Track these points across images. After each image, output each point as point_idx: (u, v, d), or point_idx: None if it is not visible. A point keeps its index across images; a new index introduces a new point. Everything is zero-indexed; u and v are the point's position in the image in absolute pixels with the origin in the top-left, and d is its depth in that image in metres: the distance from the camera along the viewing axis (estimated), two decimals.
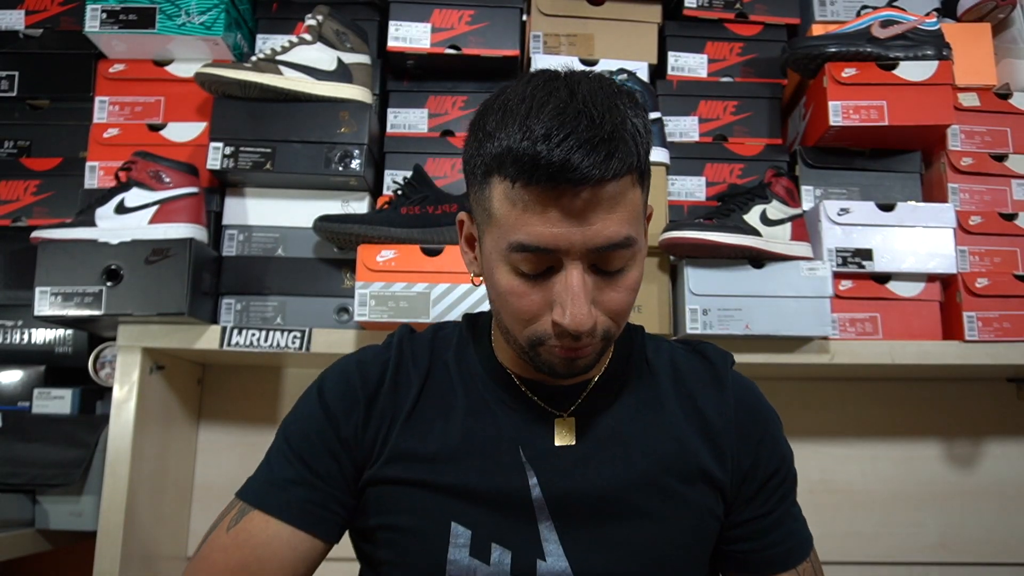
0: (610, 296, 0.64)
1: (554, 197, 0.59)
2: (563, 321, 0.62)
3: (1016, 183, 1.30)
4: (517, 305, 0.64)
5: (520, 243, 0.61)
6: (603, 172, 0.58)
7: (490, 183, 0.63)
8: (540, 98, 0.60)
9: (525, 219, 0.61)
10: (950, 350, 1.20)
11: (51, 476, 1.16)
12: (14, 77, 1.32)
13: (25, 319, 1.27)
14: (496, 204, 0.63)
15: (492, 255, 0.65)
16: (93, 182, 1.26)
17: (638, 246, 0.65)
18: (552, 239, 0.60)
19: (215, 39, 1.25)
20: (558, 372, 0.66)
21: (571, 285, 0.62)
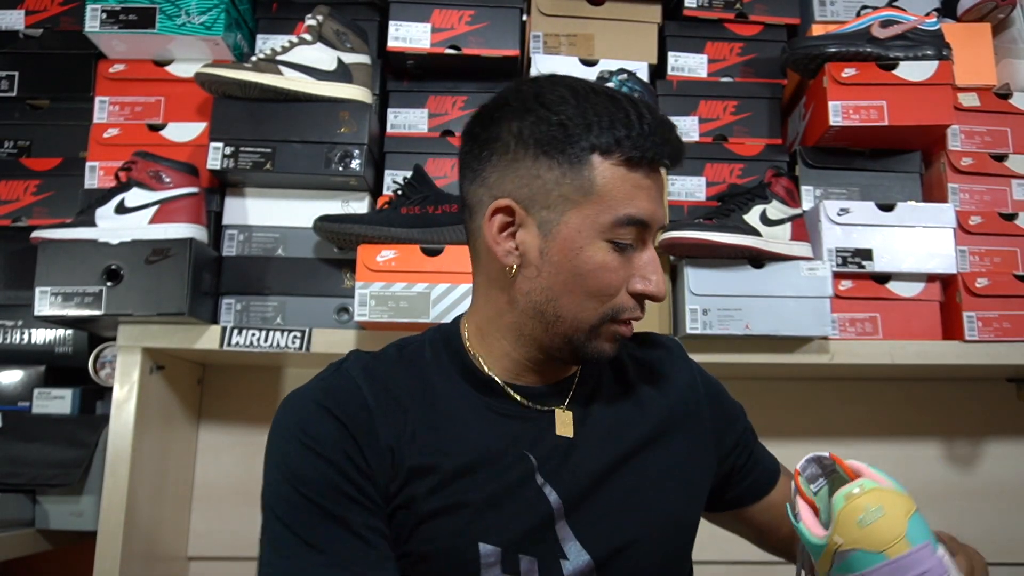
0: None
1: (652, 179, 0.70)
2: (650, 289, 0.70)
3: (1016, 183, 1.30)
4: (608, 279, 0.69)
5: (630, 215, 0.68)
6: (678, 161, 0.72)
7: (590, 162, 0.68)
8: (611, 91, 0.72)
9: (635, 194, 0.69)
10: (950, 350, 1.20)
11: (51, 476, 1.16)
12: (14, 77, 1.32)
13: (25, 319, 1.27)
14: (601, 181, 0.68)
15: (582, 233, 0.68)
16: (93, 182, 1.26)
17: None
18: (651, 214, 0.69)
19: (215, 39, 1.25)
20: (607, 355, 0.72)
21: (654, 256, 0.71)
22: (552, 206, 0.68)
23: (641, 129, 0.67)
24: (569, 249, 0.68)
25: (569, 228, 0.68)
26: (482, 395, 0.72)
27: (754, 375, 1.38)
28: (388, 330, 1.14)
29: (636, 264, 0.70)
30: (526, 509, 0.68)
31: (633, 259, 0.70)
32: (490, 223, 0.70)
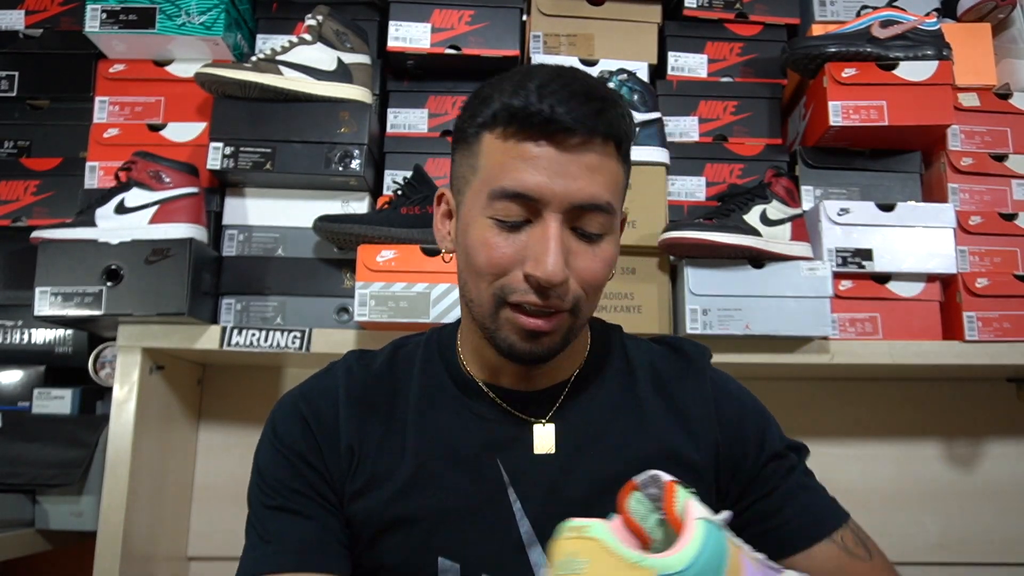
0: (585, 264, 0.64)
1: (543, 148, 0.62)
2: (535, 271, 0.62)
3: (1016, 183, 1.30)
4: (488, 256, 0.64)
5: (503, 188, 0.63)
6: (591, 126, 0.62)
7: (480, 140, 0.65)
8: (535, 68, 0.66)
9: (512, 165, 0.63)
10: (950, 350, 1.20)
11: (51, 476, 1.16)
12: (14, 77, 1.32)
13: (25, 319, 1.27)
14: (483, 157, 0.65)
15: (471, 212, 0.66)
16: (93, 182, 1.26)
17: (616, 219, 0.66)
18: (536, 187, 0.62)
19: (215, 39, 1.25)
20: (517, 351, 0.65)
21: (547, 235, 0.62)
22: (460, 190, 0.68)
23: (528, 100, 0.62)
24: (463, 230, 0.67)
25: (465, 209, 0.67)
26: (464, 396, 0.71)
27: (754, 375, 1.38)
28: (388, 330, 1.14)
29: (529, 243, 0.63)
30: (493, 528, 0.66)
31: (529, 238, 0.63)
32: (437, 211, 0.73)
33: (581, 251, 0.64)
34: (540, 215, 0.63)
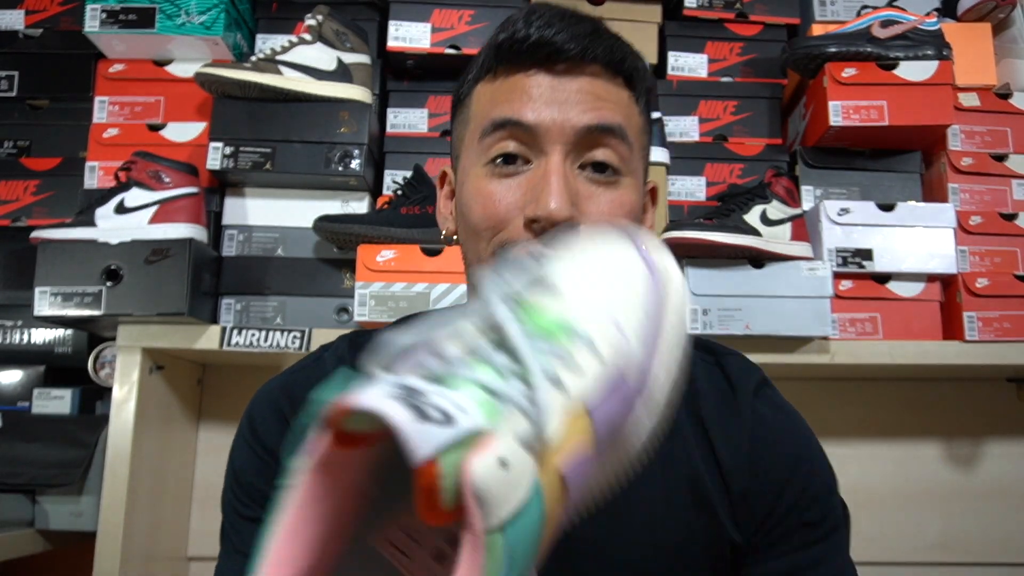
0: (598, 208, 0.56)
1: (535, 77, 0.56)
2: (537, 210, 0.53)
3: (1016, 183, 1.30)
4: (484, 206, 0.56)
5: (494, 119, 0.56)
6: (586, 46, 0.56)
7: (472, 94, 0.61)
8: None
9: (503, 98, 0.57)
10: (950, 350, 1.20)
11: (51, 476, 1.16)
12: (14, 77, 1.32)
13: (25, 319, 1.27)
14: (475, 106, 0.60)
15: (466, 170, 0.59)
16: (93, 182, 1.26)
17: (635, 156, 0.58)
18: (533, 113, 0.55)
19: (215, 39, 1.25)
20: None
21: (550, 168, 0.54)
22: (458, 156, 0.62)
23: (516, 28, 0.56)
24: (459, 193, 0.61)
25: (461, 171, 0.61)
26: None
27: None
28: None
29: (529, 184, 0.55)
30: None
31: (526, 180, 0.56)
32: (440, 195, 0.69)
33: (593, 194, 0.56)
34: (540, 150, 0.56)
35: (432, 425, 0.25)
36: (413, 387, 0.27)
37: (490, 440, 0.27)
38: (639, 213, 0.60)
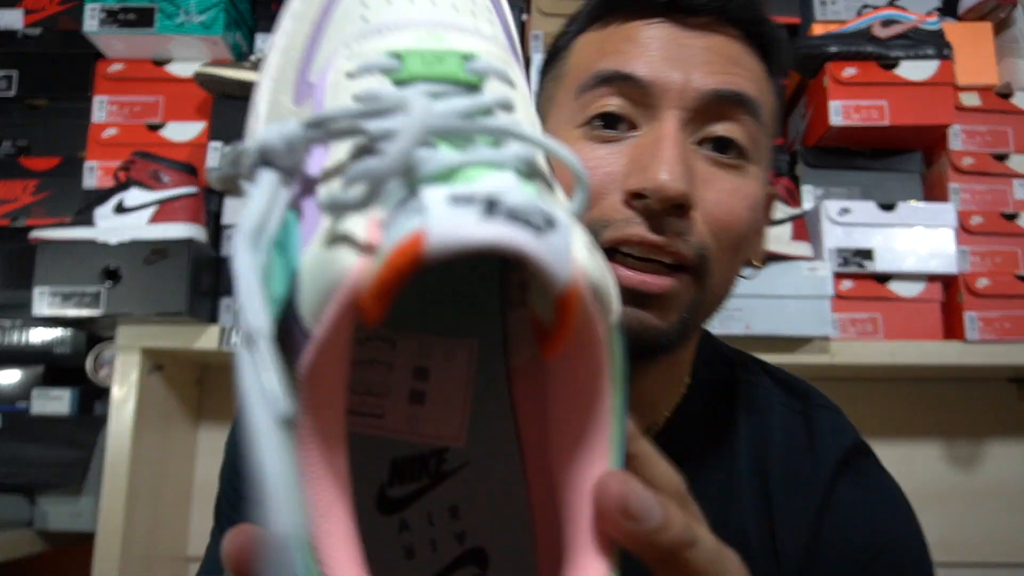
0: (715, 195, 0.45)
1: (657, 27, 0.46)
2: (643, 182, 0.42)
3: (1017, 183, 1.30)
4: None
5: (597, 71, 0.46)
6: (722, 6, 0.46)
7: (573, 45, 0.51)
8: None
9: (613, 48, 0.47)
10: (951, 350, 1.20)
11: (50, 476, 1.16)
12: (12, 77, 1.32)
13: (24, 319, 1.26)
14: (574, 57, 0.50)
15: (554, 132, 0.49)
16: (92, 182, 1.26)
17: (764, 139, 0.48)
18: (648, 67, 0.45)
19: (214, 38, 1.25)
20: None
21: (663, 133, 0.44)
22: (544, 119, 0.52)
23: None
24: None
25: (547, 131, 0.49)
26: None
27: None
28: None
29: (634, 153, 0.45)
30: None
31: (630, 148, 0.45)
32: None
33: (712, 176, 0.45)
34: (651, 115, 0.45)
35: (549, 235, 0.19)
36: (477, 195, 0.19)
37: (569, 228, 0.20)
38: (760, 213, 0.49)
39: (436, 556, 0.27)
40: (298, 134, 0.21)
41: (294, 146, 0.21)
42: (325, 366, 0.19)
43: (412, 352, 0.27)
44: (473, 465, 0.27)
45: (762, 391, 0.56)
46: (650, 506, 0.21)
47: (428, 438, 0.27)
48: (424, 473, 0.27)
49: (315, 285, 0.19)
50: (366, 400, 0.26)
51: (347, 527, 0.20)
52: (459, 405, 0.27)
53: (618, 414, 0.21)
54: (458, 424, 0.26)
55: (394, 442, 0.27)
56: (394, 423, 0.27)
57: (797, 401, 0.56)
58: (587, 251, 0.21)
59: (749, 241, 0.48)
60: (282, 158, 0.21)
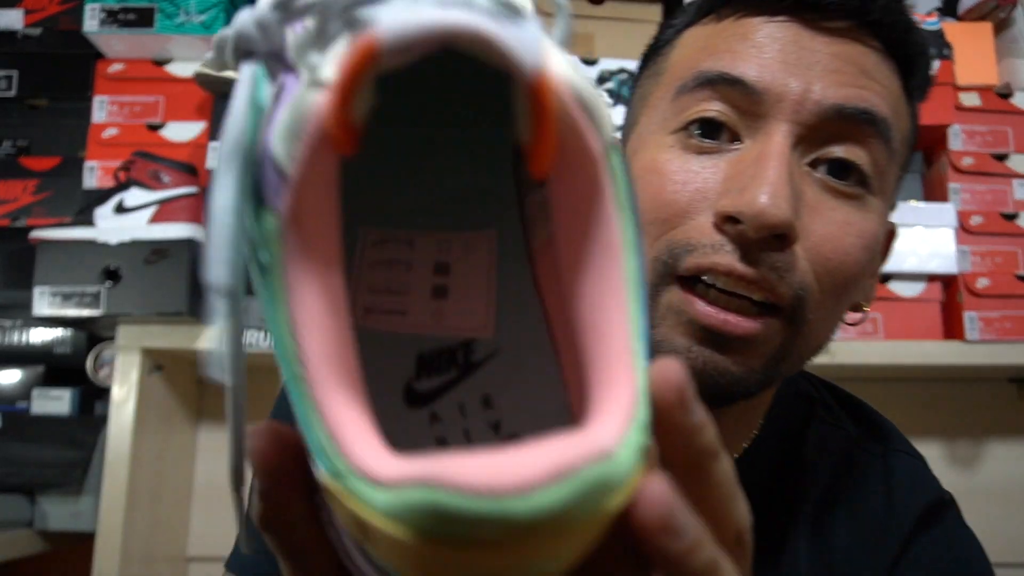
0: (824, 228, 0.39)
1: (779, 25, 0.40)
2: (739, 204, 0.36)
3: (1017, 183, 1.30)
4: (661, 190, 0.39)
5: (700, 71, 0.40)
6: (863, 4, 0.39)
7: (677, 41, 0.45)
8: None
9: (723, 45, 0.41)
10: (951, 350, 1.20)
11: (50, 476, 1.16)
12: (12, 77, 1.32)
13: (24, 319, 1.26)
14: (676, 53, 0.44)
15: (642, 137, 0.43)
16: (92, 182, 1.26)
17: (891, 162, 0.41)
18: (761, 71, 0.39)
19: (214, 38, 1.25)
20: (689, 365, 0.36)
21: (769, 149, 0.37)
22: (634, 122, 0.46)
23: None
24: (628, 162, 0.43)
25: (634, 138, 0.45)
26: None
27: None
28: None
29: (731, 171, 0.39)
30: None
31: (726, 164, 0.39)
32: None
33: (823, 205, 0.39)
34: (759, 127, 0.39)
35: (513, 24, 0.17)
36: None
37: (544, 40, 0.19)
38: (875, 256, 0.42)
39: (471, 447, 0.25)
40: (268, 16, 0.21)
41: (267, 29, 0.21)
42: (308, 205, 0.19)
43: (431, 249, 0.26)
44: (503, 354, 0.26)
45: (840, 433, 0.51)
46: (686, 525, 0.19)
47: (454, 330, 0.26)
48: (452, 365, 0.26)
49: (288, 131, 0.18)
50: (387, 299, 0.26)
51: (347, 376, 0.19)
52: (483, 296, 0.26)
53: (631, 244, 0.20)
54: (484, 315, 0.26)
55: (419, 337, 0.26)
56: (418, 319, 0.26)
57: (877, 444, 0.51)
58: (567, 64, 0.19)
59: (859, 284, 0.42)
60: (259, 43, 0.21)
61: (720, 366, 0.38)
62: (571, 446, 0.16)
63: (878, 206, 0.42)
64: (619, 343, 0.19)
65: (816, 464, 0.49)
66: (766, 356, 0.39)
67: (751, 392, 0.40)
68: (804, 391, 0.53)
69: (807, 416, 0.51)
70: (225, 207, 0.19)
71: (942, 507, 0.49)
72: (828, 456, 0.49)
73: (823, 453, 0.49)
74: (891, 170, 0.42)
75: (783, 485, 0.48)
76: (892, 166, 0.42)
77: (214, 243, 0.19)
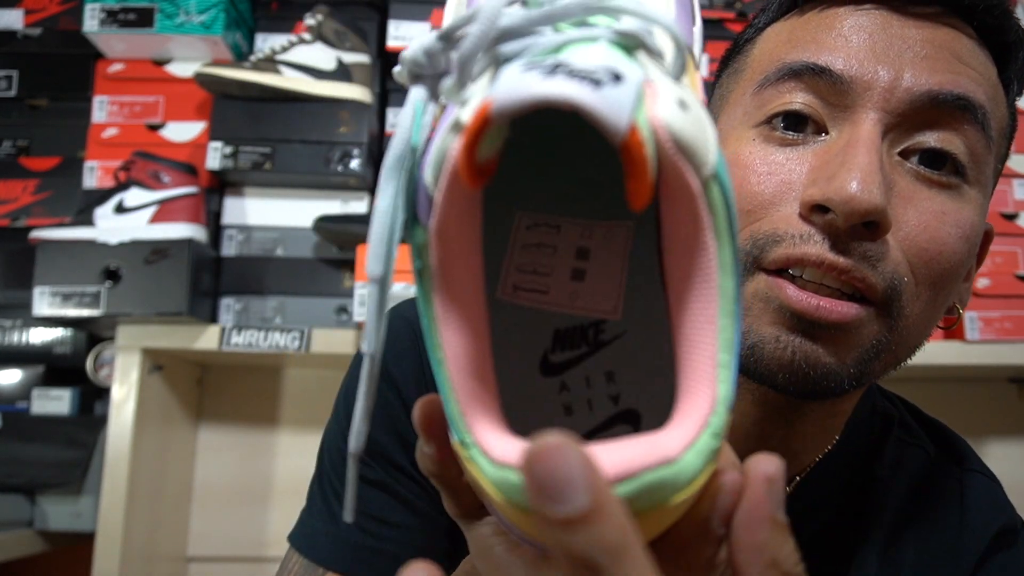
0: (918, 218, 0.38)
1: (867, 14, 0.39)
2: (827, 191, 0.35)
3: (1017, 183, 1.30)
4: (745, 183, 0.39)
5: (784, 63, 0.39)
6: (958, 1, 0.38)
7: (759, 38, 0.44)
8: None
9: (811, 36, 0.40)
10: (951, 350, 1.20)
11: (50, 476, 1.16)
12: (12, 77, 1.32)
13: (24, 319, 1.26)
14: (759, 47, 0.43)
15: (726, 132, 0.42)
16: (92, 182, 1.26)
17: (989, 151, 0.40)
18: (848, 60, 0.38)
19: (214, 38, 1.25)
20: (770, 356, 0.37)
21: (858, 137, 0.36)
22: (715, 119, 0.46)
23: None
24: None
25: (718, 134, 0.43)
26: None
27: None
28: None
29: (819, 160, 0.38)
30: None
31: (813, 155, 0.38)
32: None
33: (916, 195, 0.38)
34: (846, 118, 0.38)
35: (610, 87, 0.20)
36: (546, 62, 0.21)
37: (654, 84, 0.21)
38: (974, 250, 0.40)
39: (592, 415, 0.30)
40: (434, 45, 0.24)
41: (433, 56, 0.24)
42: (451, 226, 0.23)
43: (576, 235, 0.29)
44: (628, 335, 0.30)
45: (918, 452, 0.50)
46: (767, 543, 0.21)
47: (587, 311, 0.29)
48: (583, 342, 0.30)
49: (435, 164, 0.23)
50: (533, 278, 0.30)
51: (478, 366, 0.24)
52: (616, 282, 0.29)
53: (727, 267, 0.22)
54: (615, 299, 0.29)
55: (557, 315, 0.30)
56: (557, 298, 0.29)
57: (953, 465, 0.50)
58: (674, 105, 0.21)
59: (957, 279, 0.40)
60: (426, 68, 0.24)
61: (812, 356, 0.37)
62: (639, 451, 0.20)
63: (975, 197, 0.40)
64: (706, 355, 0.22)
65: (890, 481, 0.48)
66: (860, 349, 0.38)
67: (843, 388, 0.38)
68: (883, 408, 0.52)
69: (884, 433, 0.50)
70: (384, 211, 0.23)
71: (1014, 532, 0.48)
72: (904, 474, 0.48)
73: (898, 471, 0.48)
74: (988, 160, 0.40)
75: (856, 500, 0.47)
76: (988, 155, 0.40)
77: (372, 240, 0.23)
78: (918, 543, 0.46)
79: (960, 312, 0.45)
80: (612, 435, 0.29)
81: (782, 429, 0.43)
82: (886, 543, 0.46)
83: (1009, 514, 0.48)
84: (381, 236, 0.24)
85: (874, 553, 0.45)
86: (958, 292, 0.44)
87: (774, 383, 0.38)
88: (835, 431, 0.47)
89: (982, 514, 0.47)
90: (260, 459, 1.35)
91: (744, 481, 0.21)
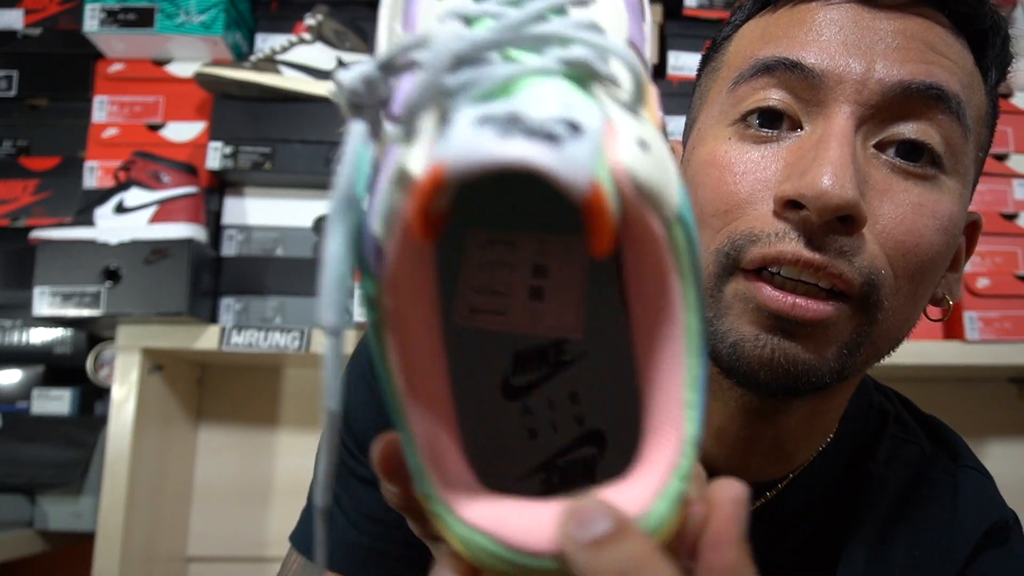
0: (893, 210, 0.38)
1: (839, 10, 0.39)
2: (800, 187, 0.35)
3: (1017, 183, 1.30)
4: (720, 182, 0.38)
5: (757, 59, 0.39)
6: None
7: (735, 36, 0.44)
8: None
9: (783, 32, 0.40)
10: (951, 350, 1.20)
11: (50, 476, 1.16)
12: (13, 77, 1.32)
13: (24, 319, 1.26)
14: (735, 45, 0.43)
15: (702, 132, 0.43)
16: (92, 182, 1.26)
17: (966, 141, 0.40)
18: (820, 55, 0.38)
19: (214, 38, 1.25)
20: (747, 355, 0.37)
21: (830, 131, 0.36)
22: (694, 119, 0.46)
23: None
24: (687, 163, 0.43)
25: (694, 134, 0.44)
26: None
27: None
28: None
29: (787, 158, 0.38)
30: None
31: (786, 152, 0.38)
32: None
33: (892, 187, 0.38)
34: (820, 112, 0.38)
35: (569, 144, 0.19)
36: (500, 114, 0.20)
37: (614, 124, 0.21)
38: (954, 241, 0.40)
39: (557, 437, 0.29)
40: (374, 75, 0.22)
41: (373, 86, 0.23)
42: (404, 277, 0.22)
43: (532, 251, 0.28)
44: (591, 355, 0.29)
45: (913, 448, 0.50)
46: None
47: (547, 331, 0.28)
48: (545, 363, 0.29)
49: (382, 218, 0.22)
50: (490, 299, 0.28)
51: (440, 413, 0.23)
52: (575, 300, 0.28)
53: (692, 305, 0.22)
54: (575, 317, 0.28)
55: (516, 336, 0.29)
56: (515, 319, 0.28)
57: (948, 461, 0.50)
58: (635, 147, 0.20)
59: (937, 270, 0.40)
60: (366, 98, 0.23)
61: (790, 353, 0.37)
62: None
63: (954, 187, 0.40)
64: (673, 396, 0.22)
65: (884, 478, 0.48)
66: (839, 344, 0.38)
67: (824, 383, 0.39)
68: (879, 404, 0.52)
69: (879, 429, 0.50)
70: (334, 257, 0.22)
71: (1007, 527, 0.48)
72: (898, 470, 0.48)
73: (892, 467, 0.48)
74: (966, 150, 0.41)
75: (848, 496, 0.47)
76: (966, 145, 0.40)
77: (324, 287, 0.22)
78: (910, 539, 0.46)
79: (950, 304, 0.45)
80: (578, 457, 0.29)
81: (771, 430, 0.43)
82: (877, 540, 0.46)
83: (1002, 511, 0.48)
84: (333, 284, 0.23)
85: (863, 550, 0.45)
86: (944, 283, 0.44)
87: (756, 380, 0.38)
88: (828, 429, 0.48)
89: (975, 510, 0.47)
90: (260, 459, 1.35)
91: (711, 504, 0.22)
